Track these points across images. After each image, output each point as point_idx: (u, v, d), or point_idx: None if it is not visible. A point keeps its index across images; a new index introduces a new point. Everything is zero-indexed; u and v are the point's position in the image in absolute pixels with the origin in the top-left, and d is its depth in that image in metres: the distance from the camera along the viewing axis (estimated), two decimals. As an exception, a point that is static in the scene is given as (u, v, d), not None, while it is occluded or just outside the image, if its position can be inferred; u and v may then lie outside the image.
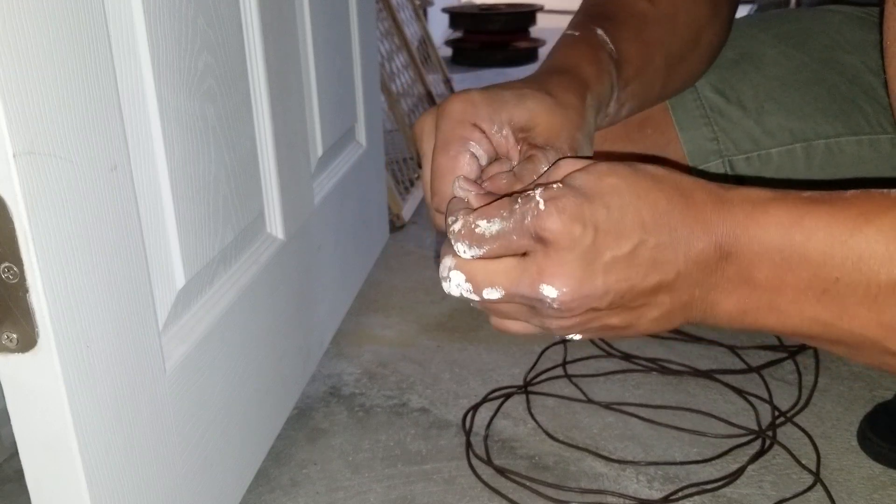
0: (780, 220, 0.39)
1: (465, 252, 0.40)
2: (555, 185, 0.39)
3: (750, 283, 0.40)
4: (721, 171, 0.66)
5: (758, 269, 0.39)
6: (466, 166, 0.45)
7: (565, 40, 0.54)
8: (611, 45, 0.54)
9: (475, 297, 0.41)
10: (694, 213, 0.39)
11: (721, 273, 0.40)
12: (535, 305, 0.40)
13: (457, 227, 0.40)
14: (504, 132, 0.46)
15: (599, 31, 0.54)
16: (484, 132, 0.46)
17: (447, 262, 0.41)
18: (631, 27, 0.56)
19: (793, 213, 0.38)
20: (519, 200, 0.39)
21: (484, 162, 0.46)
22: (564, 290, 0.39)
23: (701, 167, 0.66)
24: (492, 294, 0.40)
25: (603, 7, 0.58)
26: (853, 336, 0.39)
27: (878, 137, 0.65)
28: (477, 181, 0.45)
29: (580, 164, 0.41)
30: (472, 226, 0.40)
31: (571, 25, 0.56)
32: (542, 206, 0.38)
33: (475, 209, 0.40)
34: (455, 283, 0.41)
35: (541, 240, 0.38)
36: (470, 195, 0.42)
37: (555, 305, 0.39)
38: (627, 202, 0.39)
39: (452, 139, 0.45)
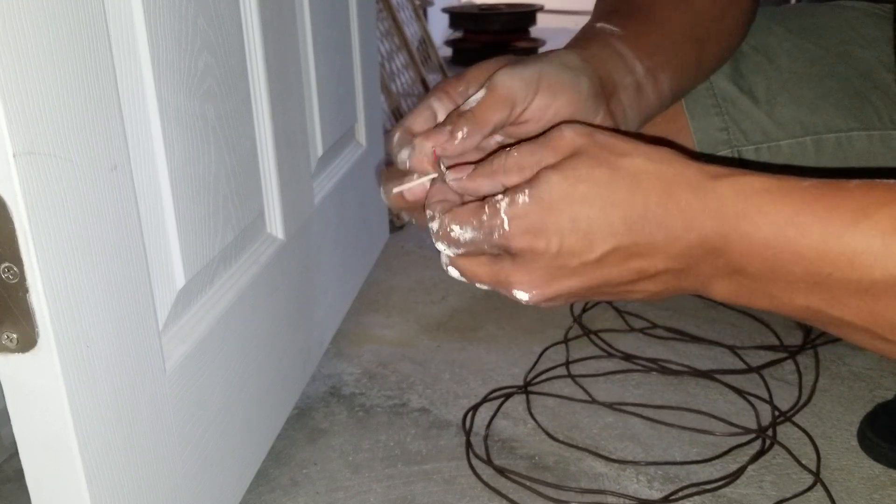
0: (774, 218, 0.38)
1: (444, 250, 0.44)
2: (520, 199, 0.40)
3: (741, 272, 0.40)
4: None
5: (749, 263, 0.39)
6: (418, 117, 0.48)
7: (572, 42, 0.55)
8: (612, 28, 0.55)
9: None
10: (676, 212, 0.39)
11: (710, 263, 0.40)
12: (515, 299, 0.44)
13: (434, 226, 0.43)
14: (470, 90, 0.49)
15: (599, 24, 0.55)
16: (448, 93, 0.50)
17: (443, 258, 0.45)
18: (637, 11, 0.57)
19: (787, 210, 0.38)
20: (486, 211, 0.41)
21: (441, 117, 0.49)
22: (534, 292, 0.42)
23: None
24: (482, 286, 0.45)
25: (605, 7, 0.59)
26: (844, 323, 0.39)
27: (889, 133, 0.65)
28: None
29: (573, 137, 0.41)
30: (448, 229, 0.42)
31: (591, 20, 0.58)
32: (506, 227, 0.40)
33: (448, 211, 0.43)
34: (455, 274, 0.45)
35: (509, 253, 0.42)
36: (448, 195, 0.44)
37: (530, 304, 0.43)
38: (598, 212, 0.39)
39: (421, 99, 0.50)
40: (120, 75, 0.53)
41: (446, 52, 2.96)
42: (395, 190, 0.47)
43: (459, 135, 0.45)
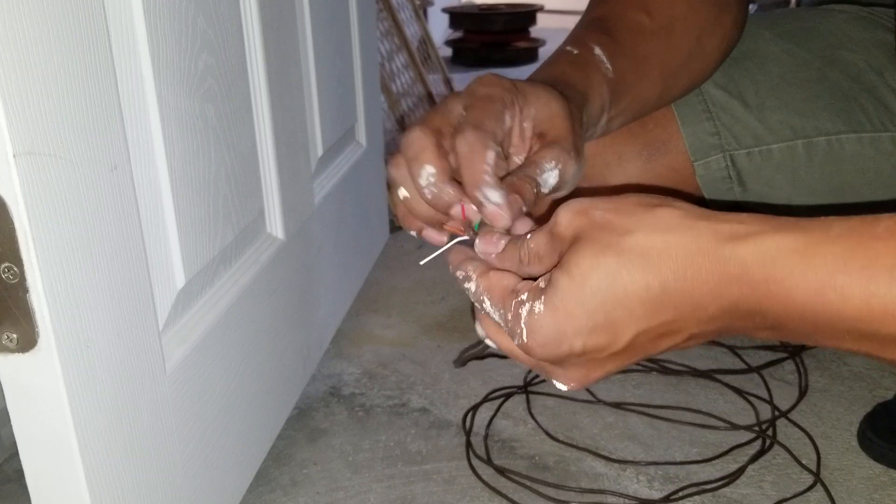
0: (809, 284, 0.35)
1: (479, 308, 0.43)
2: (537, 309, 0.39)
3: (779, 329, 0.38)
4: (722, 165, 0.67)
5: (787, 322, 0.37)
6: (494, 121, 0.44)
7: (566, 56, 0.55)
8: (607, 65, 0.54)
9: None
10: (698, 285, 0.37)
11: (745, 322, 0.38)
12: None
13: (472, 287, 0.43)
14: (526, 124, 0.46)
15: (597, 51, 0.54)
16: (519, 111, 0.46)
17: (479, 330, 0.44)
18: (627, 43, 0.57)
19: (821, 272, 0.35)
20: (511, 312, 0.40)
21: (501, 136, 0.46)
22: (571, 384, 0.43)
23: (701, 161, 0.66)
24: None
25: (602, 21, 0.58)
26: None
27: (879, 135, 0.65)
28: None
29: (571, 225, 0.40)
30: (481, 299, 0.42)
31: (571, 40, 0.56)
32: (524, 338, 0.40)
33: (483, 275, 0.42)
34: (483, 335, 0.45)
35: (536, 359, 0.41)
36: (469, 267, 0.44)
37: (567, 390, 0.43)
38: (613, 304, 0.38)
39: (491, 96, 0.45)
40: (120, 75, 0.53)
41: (446, 52, 2.96)
42: (426, 260, 0.47)
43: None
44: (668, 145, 0.67)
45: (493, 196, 0.42)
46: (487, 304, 0.42)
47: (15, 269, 0.44)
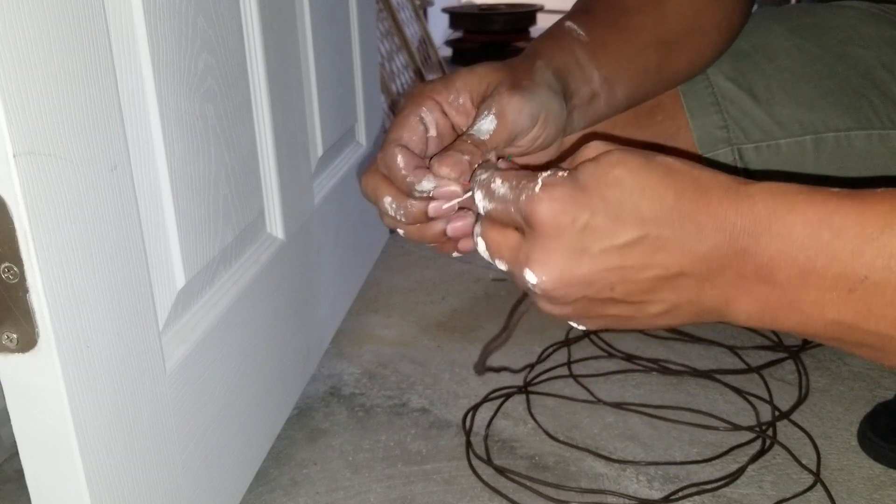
0: (808, 218, 0.37)
1: (479, 200, 0.43)
2: (560, 174, 0.40)
3: (769, 281, 0.38)
4: (730, 159, 0.66)
5: (779, 268, 0.38)
6: (409, 131, 0.48)
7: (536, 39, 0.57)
8: (578, 31, 0.55)
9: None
10: (706, 209, 0.38)
11: (736, 271, 0.39)
12: (526, 287, 0.42)
13: (482, 176, 0.43)
14: (461, 100, 0.50)
15: (568, 23, 0.56)
16: (438, 102, 0.49)
17: (476, 227, 0.44)
18: (607, 16, 0.58)
19: (821, 210, 0.37)
20: (527, 175, 0.41)
21: (433, 130, 0.49)
22: (544, 277, 0.40)
23: (709, 155, 0.66)
24: (501, 265, 0.43)
25: (582, 4, 0.60)
26: (880, 338, 0.38)
27: (888, 133, 0.65)
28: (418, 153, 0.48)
29: (601, 148, 0.41)
30: (491, 181, 0.42)
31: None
32: (536, 190, 0.40)
33: (500, 169, 0.43)
34: (481, 248, 0.44)
35: (530, 224, 0.40)
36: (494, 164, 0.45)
37: (537, 291, 0.41)
38: (628, 196, 0.39)
39: (407, 106, 0.50)
40: (120, 75, 0.53)
41: (446, 52, 2.96)
42: (447, 227, 0.47)
43: (473, 164, 0.46)
44: (676, 137, 0.67)
45: (426, 185, 0.46)
46: (497, 182, 0.42)
47: (15, 269, 0.44)
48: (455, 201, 0.46)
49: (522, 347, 1.05)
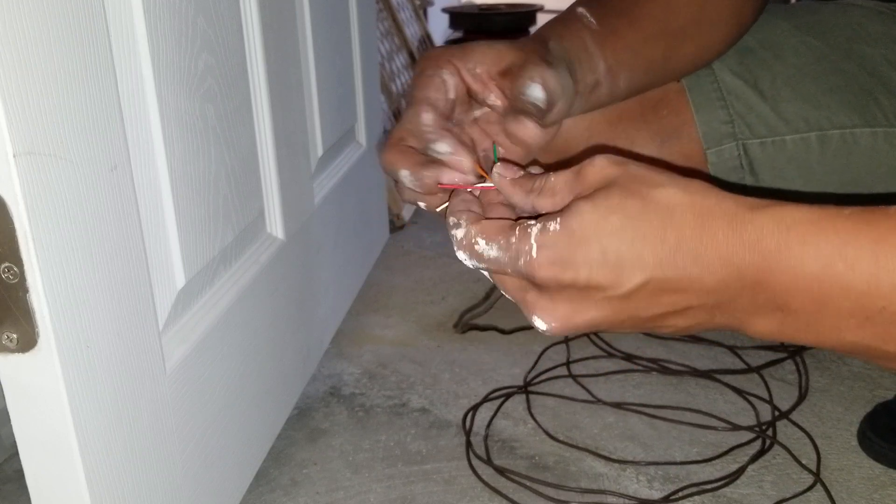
0: (820, 251, 0.35)
1: (466, 261, 0.42)
2: (551, 227, 0.39)
3: (784, 309, 0.37)
4: (735, 154, 0.66)
5: (793, 298, 0.37)
6: (435, 91, 0.49)
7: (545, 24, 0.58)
8: (589, 18, 0.56)
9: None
10: (712, 245, 0.37)
11: (748, 299, 0.38)
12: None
13: (459, 234, 0.42)
14: (479, 70, 0.51)
15: (580, 10, 0.57)
16: (457, 68, 0.51)
17: (461, 254, 0.43)
18: (617, 5, 0.58)
19: (834, 241, 0.35)
20: (517, 234, 0.40)
21: (452, 93, 0.50)
22: (553, 324, 0.41)
23: (714, 149, 0.66)
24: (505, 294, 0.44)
25: None
26: None
27: (893, 130, 0.65)
28: (447, 117, 0.50)
29: (606, 168, 0.40)
30: (473, 242, 0.41)
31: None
32: (534, 254, 0.39)
33: (476, 222, 0.42)
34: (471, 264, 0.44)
35: (533, 283, 0.40)
36: (472, 206, 0.44)
37: (547, 334, 0.41)
38: (628, 245, 0.38)
39: (428, 67, 0.51)
40: (120, 75, 0.53)
41: (446, 52, 2.96)
42: (444, 180, 0.46)
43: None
44: (681, 132, 0.67)
45: (441, 147, 0.46)
46: (482, 244, 0.41)
47: (15, 269, 0.44)
48: (458, 178, 0.46)
49: (522, 347, 1.05)
